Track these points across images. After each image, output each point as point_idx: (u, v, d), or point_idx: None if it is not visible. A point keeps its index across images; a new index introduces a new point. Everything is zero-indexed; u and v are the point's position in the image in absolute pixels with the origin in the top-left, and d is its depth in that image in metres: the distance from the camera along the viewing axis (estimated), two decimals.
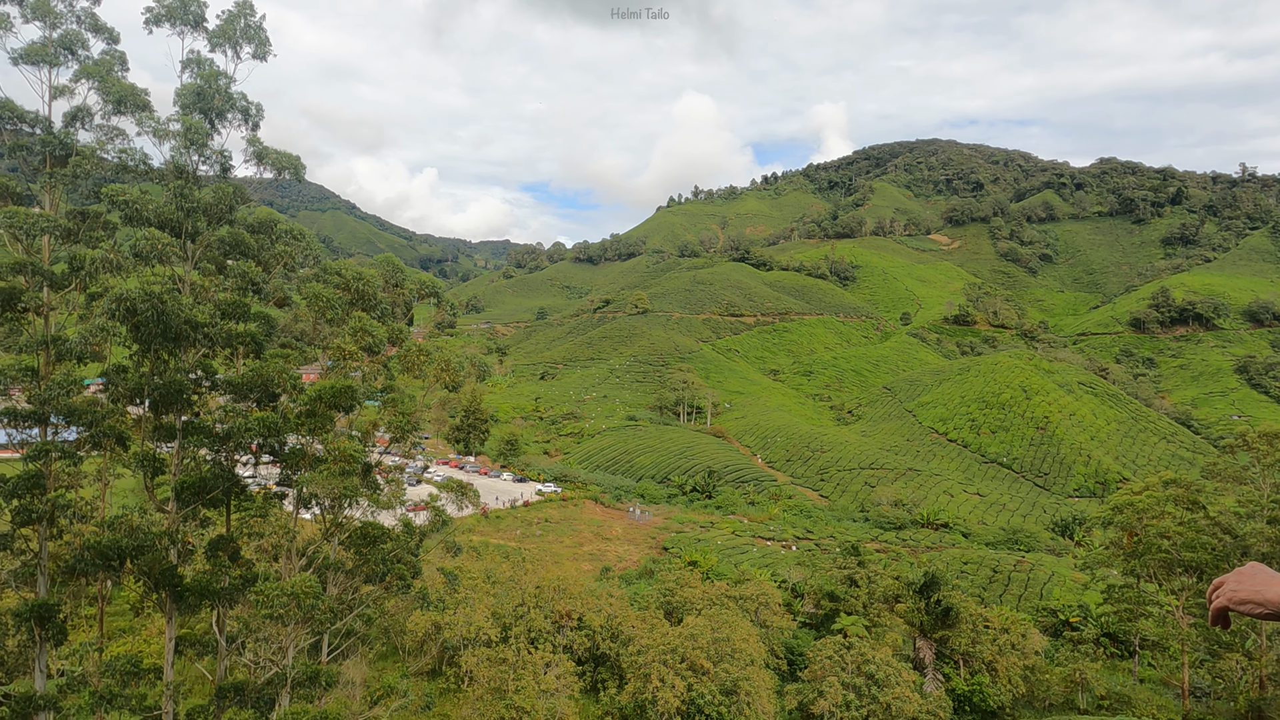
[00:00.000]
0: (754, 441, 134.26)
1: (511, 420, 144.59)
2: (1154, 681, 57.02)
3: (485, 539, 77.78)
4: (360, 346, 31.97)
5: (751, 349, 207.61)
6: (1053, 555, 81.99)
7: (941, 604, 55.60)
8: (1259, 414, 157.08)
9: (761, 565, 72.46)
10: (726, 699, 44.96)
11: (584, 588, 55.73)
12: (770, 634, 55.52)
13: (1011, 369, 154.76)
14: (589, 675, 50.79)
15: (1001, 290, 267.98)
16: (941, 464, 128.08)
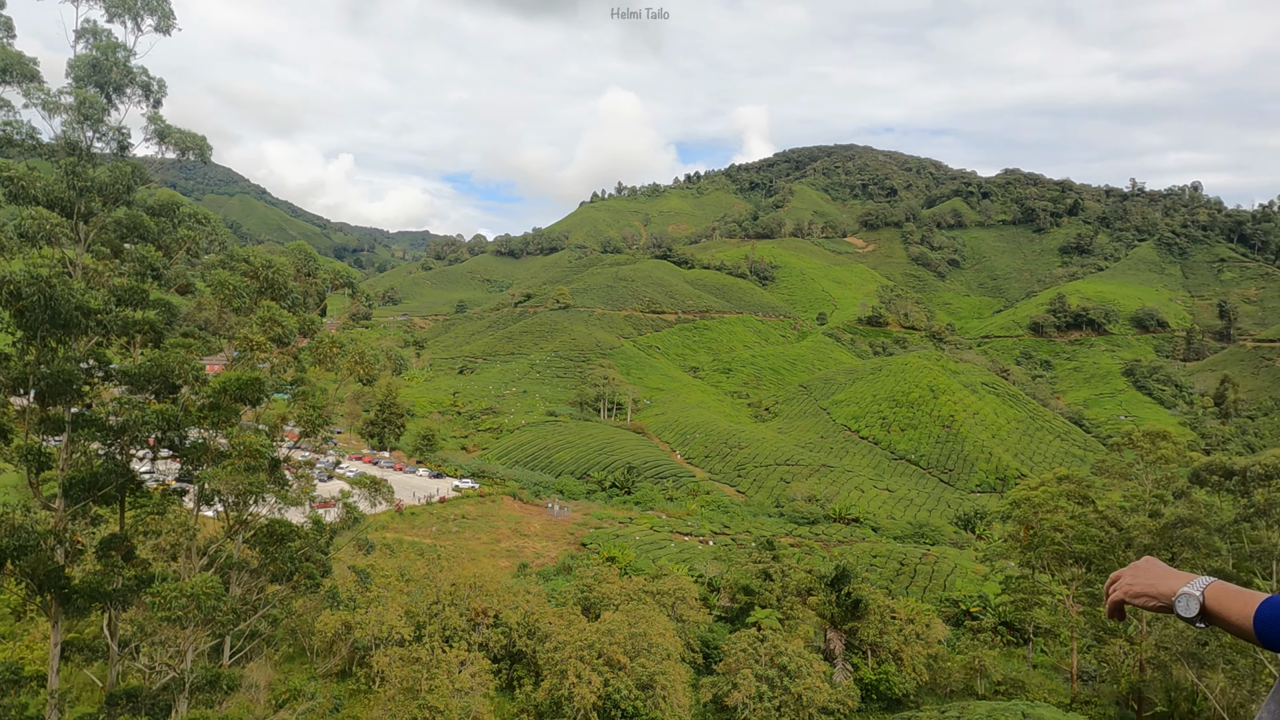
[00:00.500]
0: (673, 438, 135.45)
1: (429, 415, 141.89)
2: (1046, 667, 60.18)
3: (400, 536, 76.13)
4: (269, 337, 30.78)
5: (672, 346, 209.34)
6: (956, 548, 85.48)
7: (851, 596, 57.30)
8: (1143, 414, 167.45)
9: (679, 560, 73.18)
10: (643, 693, 45.24)
11: (501, 585, 55.17)
12: (687, 628, 56.13)
13: (920, 369, 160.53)
14: (505, 673, 50.33)
15: (912, 293, 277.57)
16: (854, 460, 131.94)
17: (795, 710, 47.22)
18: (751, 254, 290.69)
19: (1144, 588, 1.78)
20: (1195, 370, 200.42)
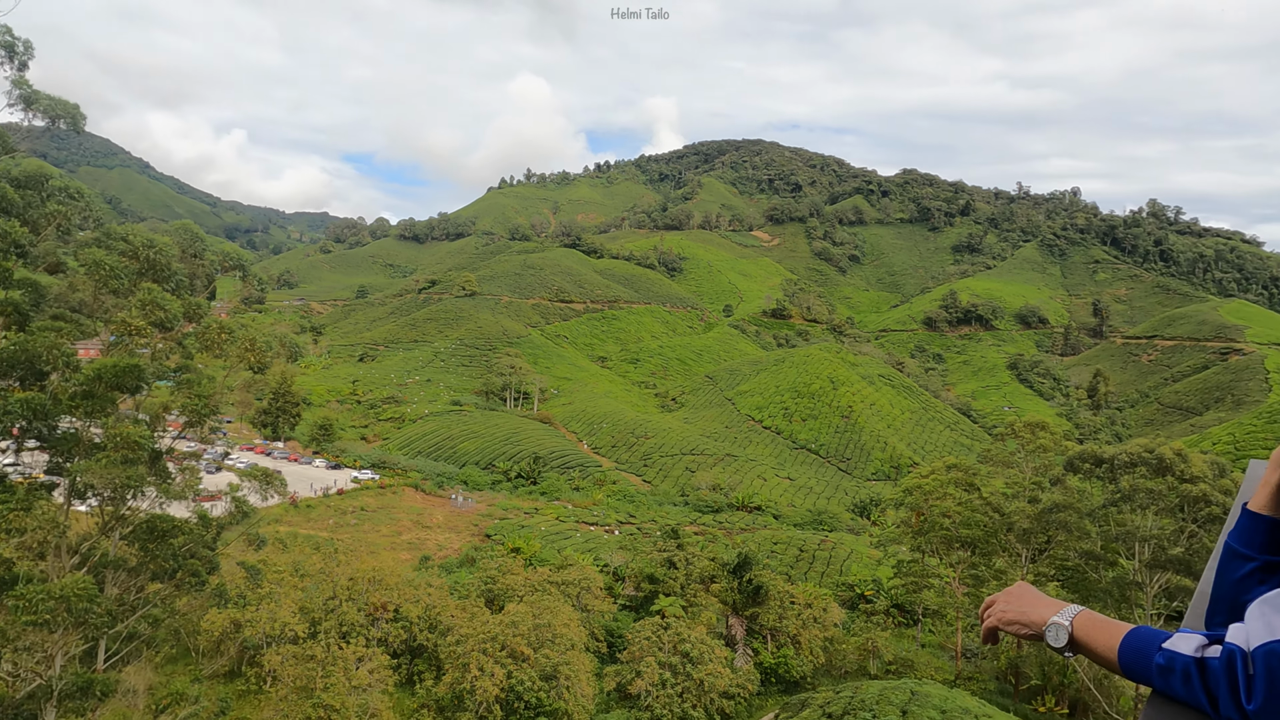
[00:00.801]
0: (581, 427, 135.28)
1: (326, 404, 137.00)
2: (933, 645, 63.18)
3: (294, 530, 73.34)
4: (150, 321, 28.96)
5: (580, 335, 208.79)
6: (852, 534, 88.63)
7: (753, 583, 58.62)
8: (1025, 405, 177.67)
9: (585, 550, 73.21)
10: (546, 684, 45.07)
11: (402, 578, 53.92)
12: (591, 618, 56.21)
13: (821, 361, 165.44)
14: (405, 668, 49.25)
15: (815, 287, 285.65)
16: (757, 450, 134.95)
17: (697, 696, 48.04)
18: (660, 245, 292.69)
19: (1016, 615, 1.78)
20: (1071, 364, 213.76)
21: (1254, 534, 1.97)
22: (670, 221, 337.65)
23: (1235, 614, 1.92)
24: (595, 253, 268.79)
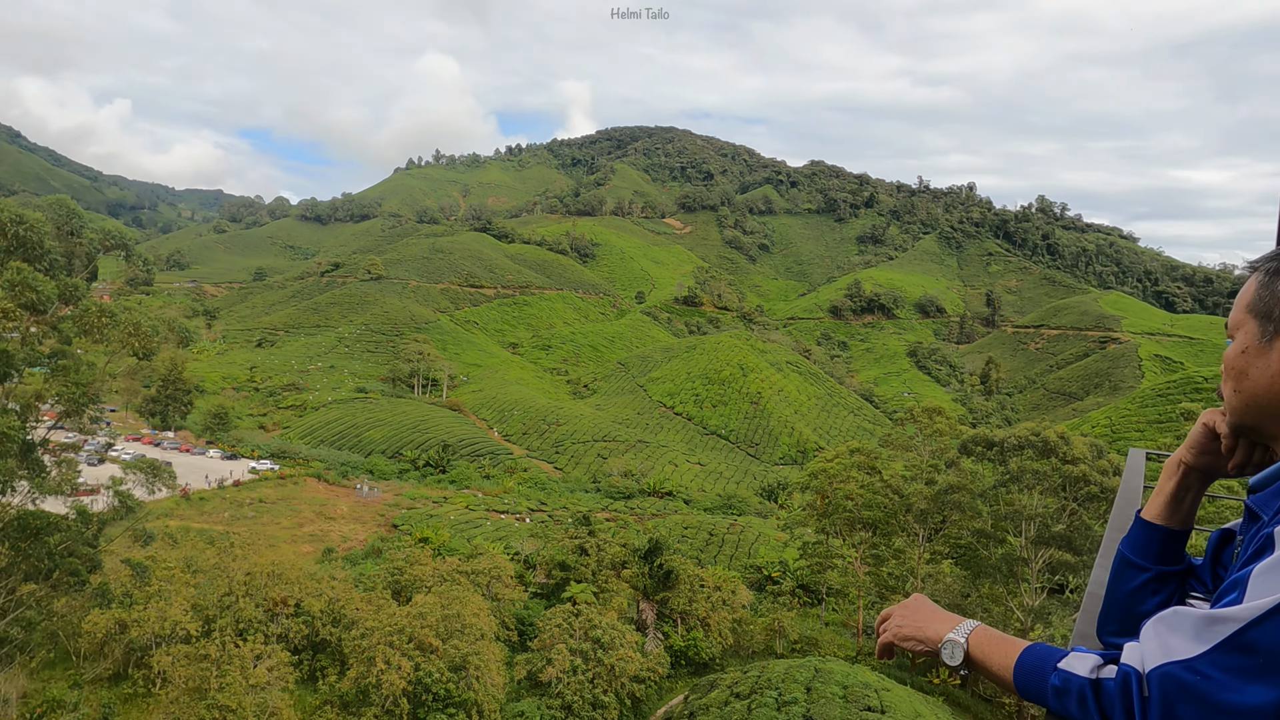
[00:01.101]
0: (491, 415, 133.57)
1: (221, 391, 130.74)
2: (836, 624, 65.37)
3: (186, 524, 69.85)
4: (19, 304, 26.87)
5: (491, 321, 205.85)
6: (760, 518, 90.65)
7: (663, 568, 59.26)
8: (924, 391, 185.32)
9: (495, 539, 72.43)
10: (455, 675, 44.45)
11: (303, 571, 52.05)
12: (502, 606, 55.74)
13: (732, 348, 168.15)
14: (307, 664, 47.67)
15: (726, 275, 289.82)
16: (668, 436, 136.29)
17: (608, 681, 48.30)
18: (573, 230, 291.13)
19: (912, 631, 1.71)
20: (966, 352, 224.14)
21: (1148, 544, 1.95)
22: (583, 207, 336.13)
23: (1128, 624, 1.93)
24: (506, 237, 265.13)
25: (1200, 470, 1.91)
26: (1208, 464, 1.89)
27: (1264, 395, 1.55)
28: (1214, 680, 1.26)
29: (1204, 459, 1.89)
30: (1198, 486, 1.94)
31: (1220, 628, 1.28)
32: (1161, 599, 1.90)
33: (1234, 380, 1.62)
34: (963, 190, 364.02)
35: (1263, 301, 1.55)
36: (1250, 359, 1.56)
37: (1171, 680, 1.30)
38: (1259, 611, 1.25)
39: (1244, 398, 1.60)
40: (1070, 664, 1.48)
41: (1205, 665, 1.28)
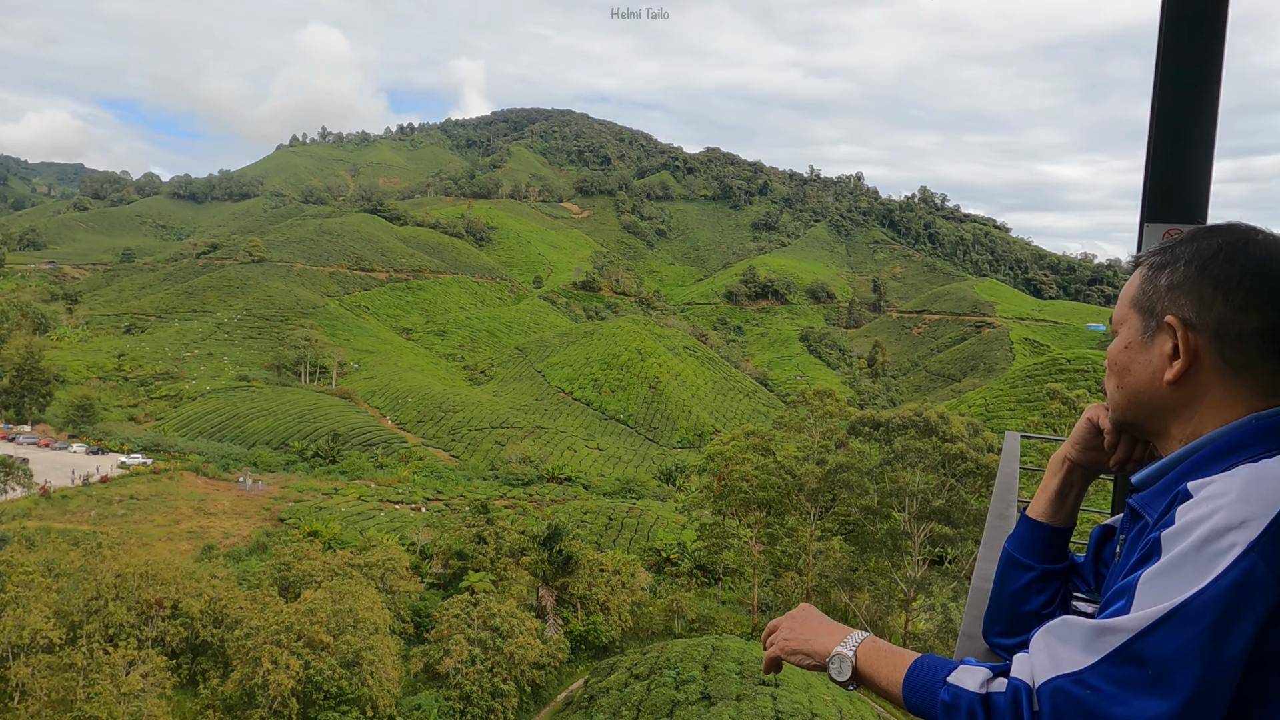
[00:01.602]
0: (384, 403, 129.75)
1: (86, 381, 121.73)
2: (733, 602, 67.02)
3: (48, 524, 64.88)
4: None
5: (383, 306, 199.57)
6: (659, 501, 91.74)
7: (563, 553, 59.17)
8: (815, 375, 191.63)
9: (390, 530, 70.54)
10: (348, 671, 43.15)
11: (181, 571, 49.24)
12: (397, 599, 54.43)
13: (630, 333, 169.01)
14: (186, 668, 45.24)
15: (624, 260, 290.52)
16: (567, 421, 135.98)
17: (508, 669, 47.96)
18: (468, 213, 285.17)
19: (800, 644, 1.64)
20: (854, 336, 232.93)
21: (1033, 542, 1.91)
22: (479, 189, 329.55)
23: (1014, 624, 1.91)
24: (399, 219, 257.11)
25: (1084, 466, 1.89)
26: (1091, 460, 1.87)
27: (1146, 391, 1.53)
28: (1104, 693, 1.23)
29: (1088, 455, 1.87)
30: (1081, 483, 1.92)
31: (1110, 638, 1.25)
32: (1046, 598, 1.89)
33: (1117, 376, 1.60)
34: (851, 180, 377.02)
35: (1146, 297, 1.53)
36: (1133, 354, 1.54)
37: (1062, 694, 1.26)
38: (1148, 622, 1.23)
39: (1126, 394, 1.58)
40: (960, 678, 1.42)
41: (1095, 678, 1.25)
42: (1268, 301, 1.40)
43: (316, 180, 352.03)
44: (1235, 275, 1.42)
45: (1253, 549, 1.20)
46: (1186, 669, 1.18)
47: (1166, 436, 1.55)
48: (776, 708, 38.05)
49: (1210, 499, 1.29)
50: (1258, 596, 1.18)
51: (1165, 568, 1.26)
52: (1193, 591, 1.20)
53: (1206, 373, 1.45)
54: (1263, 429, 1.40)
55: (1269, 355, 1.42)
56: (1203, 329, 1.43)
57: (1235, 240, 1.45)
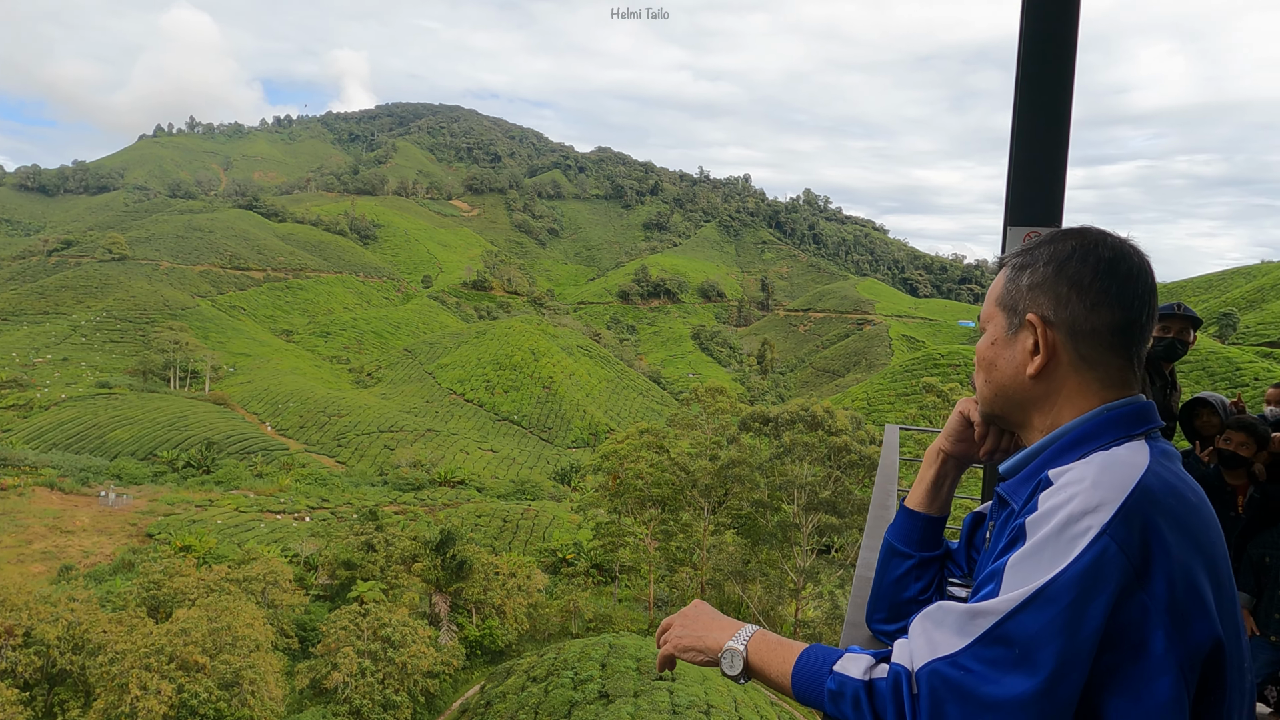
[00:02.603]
0: (263, 408, 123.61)
1: None
2: (629, 599, 67.44)
3: None
4: None
5: (261, 307, 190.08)
6: (554, 501, 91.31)
7: (456, 558, 58.03)
8: (707, 372, 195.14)
9: (271, 541, 67.30)
10: (227, 692, 40.88)
11: (34, 594, 45.37)
12: (280, 613, 51.97)
13: (523, 333, 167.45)
14: (42, 700, 41.76)
15: (516, 259, 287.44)
16: (459, 424, 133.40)
17: (400, 680, 46.63)
18: (352, 210, 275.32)
19: (692, 641, 1.65)
20: (744, 334, 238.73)
21: (911, 531, 1.98)
22: (363, 186, 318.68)
23: (895, 611, 1.98)
24: (277, 215, 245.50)
25: (957, 457, 1.96)
26: (963, 451, 1.94)
27: (1010, 385, 1.59)
28: (976, 674, 1.29)
29: (960, 446, 1.93)
30: (954, 473, 1.99)
31: (980, 621, 1.32)
32: (923, 584, 1.95)
33: (985, 371, 1.66)
34: (739, 181, 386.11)
35: (1009, 295, 1.59)
36: (999, 350, 1.61)
37: (938, 677, 1.32)
38: (1014, 604, 1.29)
39: (993, 387, 1.64)
40: (844, 666, 1.47)
41: (968, 659, 1.31)
42: (1115, 300, 1.48)
43: (185, 173, 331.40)
44: (1087, 275, 1.49)
45: (1105, 531, 1.28)
46: (1049, 647, 1.24)
47: (1029, 427, 1.61)
48: (674, 701, 38.54)
49: (1068, 485, 1.36)
50: (1110, 576, 1.25)
51: (1029, 552, 1.32)
52: (1054, 573, 1.27)
53: (1063, 367, 1.52)
54: (1113, 418, 1.47)
55: (1117, 350, 1.50)
56: (1060, 326, 1.51)
57: (1087, 243, 1.52)
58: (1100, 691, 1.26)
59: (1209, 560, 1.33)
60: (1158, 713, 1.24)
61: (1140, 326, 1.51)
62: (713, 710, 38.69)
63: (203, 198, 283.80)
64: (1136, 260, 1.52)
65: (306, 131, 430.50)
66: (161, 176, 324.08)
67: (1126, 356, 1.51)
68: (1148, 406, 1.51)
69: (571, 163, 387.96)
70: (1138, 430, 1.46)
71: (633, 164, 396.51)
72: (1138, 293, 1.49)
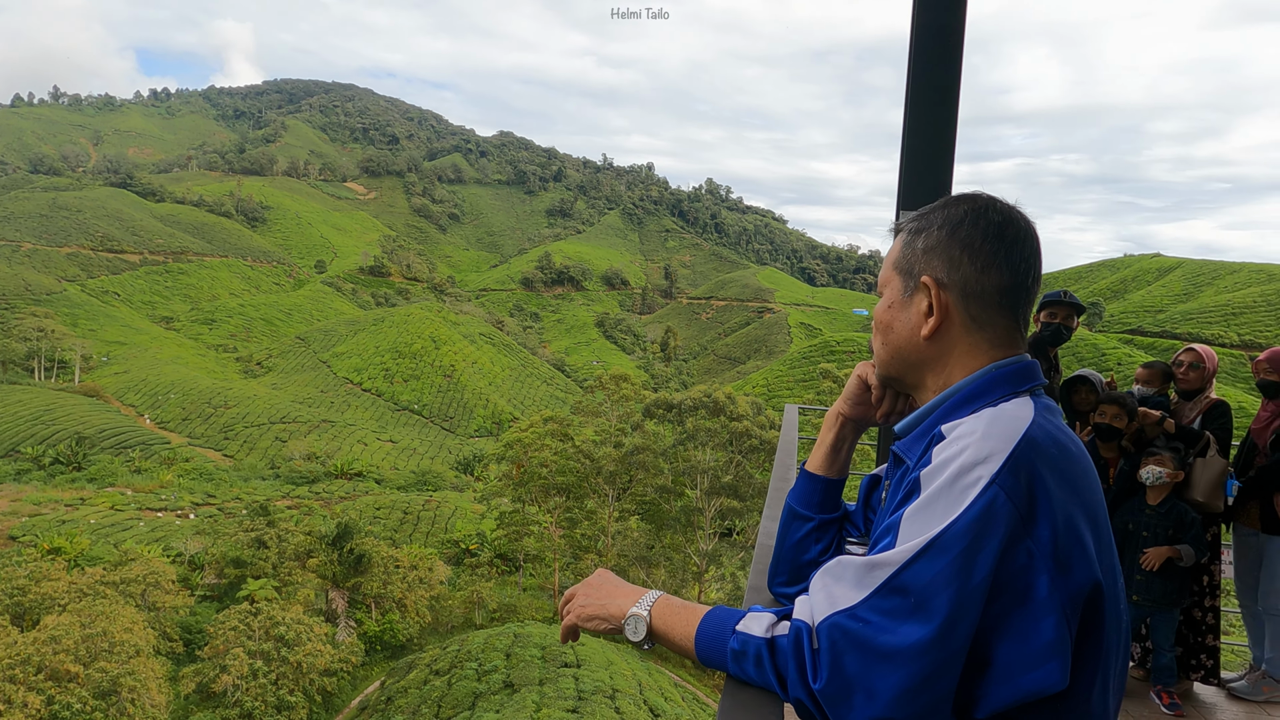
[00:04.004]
0: (142, 400, 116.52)
1: None
2: (534, 588, 67.16)
3: None
4: None
5: (137, 292, 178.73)
6: (457, 492, 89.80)
7: (354, 552, 56.37)
8: (611, 360, 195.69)
9: (152, 541, 63.64)
10: (103, 702, 38.52)
11: None
12: (162, 616, 49.34)
13: (423, 320, 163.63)
14: None
15: (415, 244, 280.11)
16: (356, 414, 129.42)
17: (295, 679, 45.04)
18: (238, 191, 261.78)
19: (596, 610, 1.63)
20: (648, 322, 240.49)
21: (811, 494, 1.99)
22: (250, 165, 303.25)
23: (796, 574, 1.98)
24: (155, 195, 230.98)
25: (855, 420, 1.97)
26: (861, 414, 1.95)
27: (905, 347, 1.62)
28: (873, 624, 1.30)
29: (858, 410, 1.95)
30: (853, 436, 2.01)
31: (878, 573, 1.33)
32: (823, 546, 1.97)
33: (881, 334, 1.68)
34: (643, 170, 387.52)
35: (905, 259, 1.62)
36: (895, 313, 1.63)
37: (838, 630, 1.33)
38: (910, 554, 1.31)
39: (889, 350, 1.66)
40: (747, 625, 1.47)
41: (865, 611, 1.32)
42: (1004, 262, 1.53)
43: (48, 147, 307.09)
44: (978, 238, 1.54)
45: (995, 480, 1.31)
46: (942, 594, 1.26)
47: (924, 388, 1.64)
48: (579, 687, 38.71)
49: (960, 439, 1.40)
50: (999, 524, 1.28)
51: (924, 503, 1.35)
52: (947, 523, 1.30)
53: (955, 328, 1.56)
54: (1001, 376, 1.52)
55: (1005, 311, 1.55)
56: (952, 287, 1.55)
57: (979, 207, 1.57)
58: (990, 635, 1.29)
59: (1088, 507, 1.38)
60: (1042, 653, 1.27)
61: (1026, 289, 1.55)
62: (618, 694, 39.07)
63: (70, 174, 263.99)
64: (1024, 225, 1.56)
65: (187, 106, 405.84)
66: (21, 150, 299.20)
67: (1013, 317, 1.56)
68: (1033, 365, 1.55)
69: (473, 147, 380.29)
70: (1024, 387, 1.51)
71: (536, 149, 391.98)
72: (1024, 256, 1.54)
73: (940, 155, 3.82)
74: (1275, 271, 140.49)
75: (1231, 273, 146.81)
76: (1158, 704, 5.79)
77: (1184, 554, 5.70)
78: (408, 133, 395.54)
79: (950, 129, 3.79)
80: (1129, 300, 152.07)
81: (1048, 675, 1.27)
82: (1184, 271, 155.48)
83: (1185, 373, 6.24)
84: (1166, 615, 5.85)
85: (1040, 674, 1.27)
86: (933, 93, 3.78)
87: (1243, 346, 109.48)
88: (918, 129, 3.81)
